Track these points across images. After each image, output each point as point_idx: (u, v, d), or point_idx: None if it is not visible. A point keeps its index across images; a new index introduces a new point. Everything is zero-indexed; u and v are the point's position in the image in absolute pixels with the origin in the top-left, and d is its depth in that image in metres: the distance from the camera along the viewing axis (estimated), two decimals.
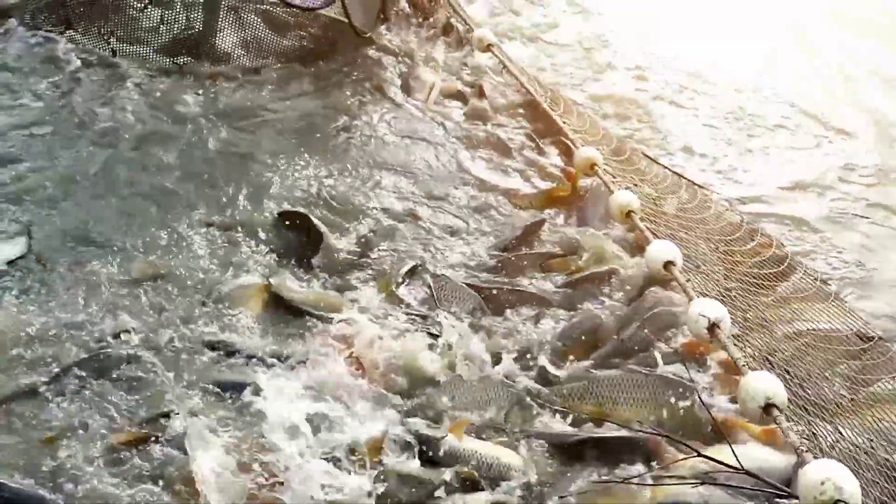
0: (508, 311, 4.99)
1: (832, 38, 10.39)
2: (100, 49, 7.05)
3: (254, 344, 4.52)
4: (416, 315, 4.84)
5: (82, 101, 6.48)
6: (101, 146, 6.07)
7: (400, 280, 5.11)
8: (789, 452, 3.79)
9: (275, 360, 4.41)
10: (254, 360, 4.40)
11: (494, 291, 5.10)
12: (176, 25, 7.24)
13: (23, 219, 5.26)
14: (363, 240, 5.49)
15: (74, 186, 5.64)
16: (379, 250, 5.43)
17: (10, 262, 4.92)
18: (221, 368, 4.37)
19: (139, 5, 7.16)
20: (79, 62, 6.86)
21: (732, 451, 3.58)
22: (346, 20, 7.44)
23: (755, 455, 3.83)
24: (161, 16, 7.22)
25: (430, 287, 5.05)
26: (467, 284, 5.13)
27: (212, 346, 4.49)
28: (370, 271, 5.24)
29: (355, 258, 5.33)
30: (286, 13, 7.50)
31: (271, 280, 4.95)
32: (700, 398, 4.13)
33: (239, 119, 6.63)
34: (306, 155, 6.31)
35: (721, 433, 3.89)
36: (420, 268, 5.22)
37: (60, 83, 6.63)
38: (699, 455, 3.70)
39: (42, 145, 5.96)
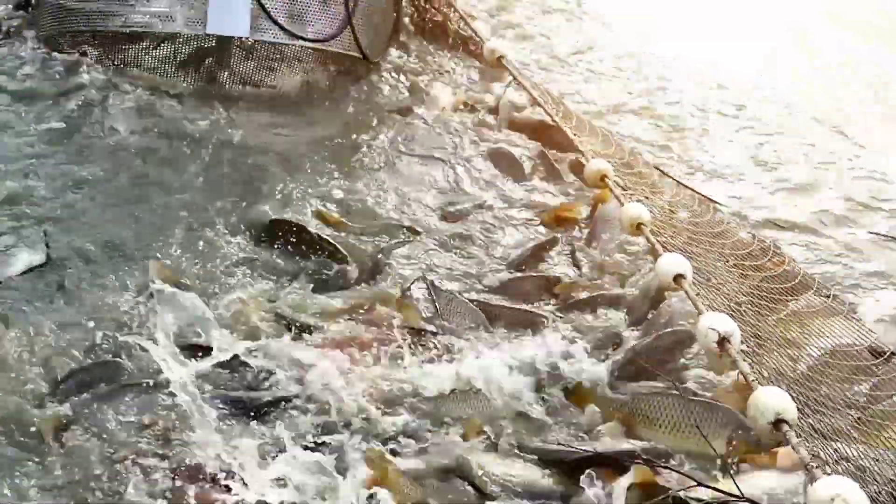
0: (511, 330, 4.98)
1: (834, 41, 10.40)
2: (117, 72, 7.10)
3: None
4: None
5: (102, 120, 6.55)
6: (119, 162, 6.14)
7: (405, 294, 5.11)
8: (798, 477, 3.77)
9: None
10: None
11: (498, 310, 5.10)
12: (189, 55, 7.27)
13: (42, 229, 5.33)
14: (371, 254, 5.50)
15: (92, 199, 5.72)
16: (387, 264, 5.43)
17: (30, 270, 4.99)
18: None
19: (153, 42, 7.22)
20: (98, 84, 6.92)
21: (734, 480, 3.59)
22: (353, 55, 7.47)
23: (763, 484, 3.81)
24: (174, 50, 7.27)
25: (433, 301, 5.04)
26: (472, 301, 5.12)
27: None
28: (378, 284, 5.25)
29: (363, 272, 5.34)
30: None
31: (260, 297, 4.99)
32: (700, 431, 4.06)
33: (253, 138, 6.68)
34: (319, 172, 6.35)
35: (724, 462, 3.88)
36: (425, 282, 5.21)
37: (81, 104, 6.69)
38: (700, 485, 3.66)
39: (62, 162, 6.04)
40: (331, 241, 5.49)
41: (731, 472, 3.83)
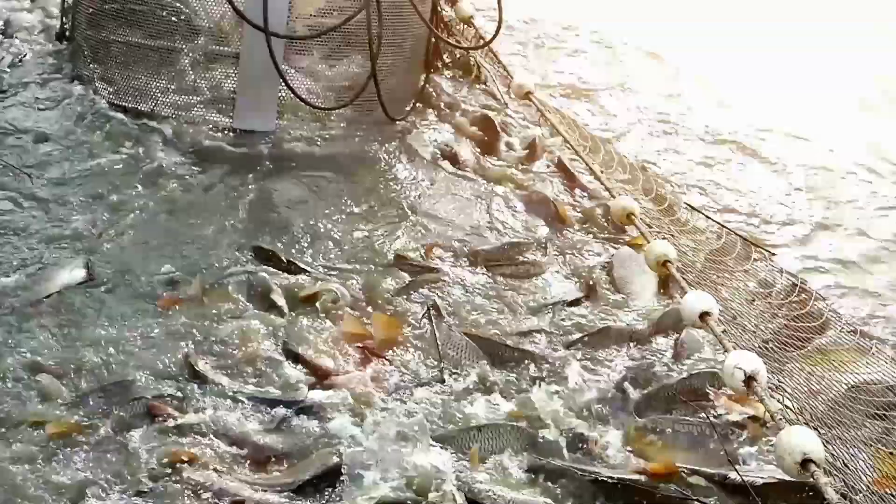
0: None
1: None
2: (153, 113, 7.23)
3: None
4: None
5: (150, 157, 6.71)
6: (154, 196, 6.31)
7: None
8: None
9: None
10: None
11: (501, 351, 5.10)
12: None
13: (83, 249, 5.53)
14: (389, 290, 5.57)
15: (130, 224, 5.92)
16: (402, 298, 5.50)
17: (71, 287, 5.13)
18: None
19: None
20: (136, 121, 7.09)
21: None
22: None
23: None
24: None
25: (434, 335, 5.06)
26: (474, 341, 5.12)
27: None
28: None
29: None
30: None
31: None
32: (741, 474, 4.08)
33: (283, 181, 6.76)
34: (345, 209, 6.43)
35: None
36: (431, 314, 5.24)
37: (119, 140, 6.85)
38: None
39: (103, 193, 6.21)
40: (300, 265, 5.60)
41: None
